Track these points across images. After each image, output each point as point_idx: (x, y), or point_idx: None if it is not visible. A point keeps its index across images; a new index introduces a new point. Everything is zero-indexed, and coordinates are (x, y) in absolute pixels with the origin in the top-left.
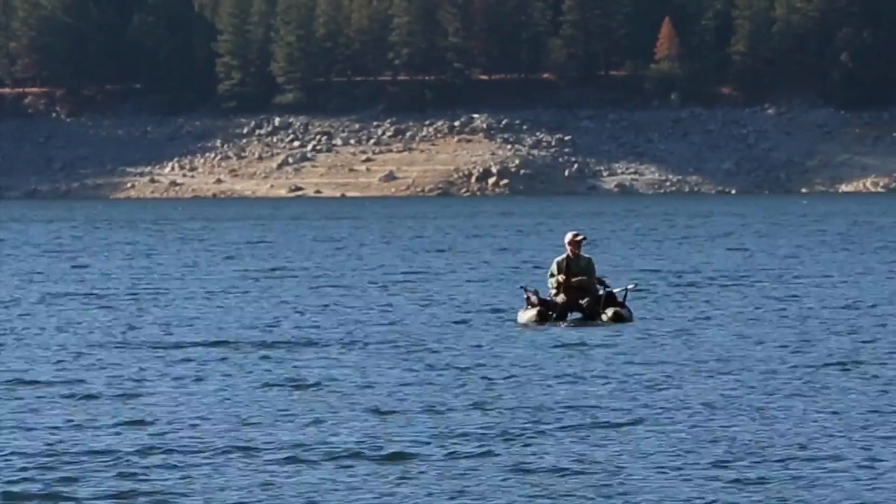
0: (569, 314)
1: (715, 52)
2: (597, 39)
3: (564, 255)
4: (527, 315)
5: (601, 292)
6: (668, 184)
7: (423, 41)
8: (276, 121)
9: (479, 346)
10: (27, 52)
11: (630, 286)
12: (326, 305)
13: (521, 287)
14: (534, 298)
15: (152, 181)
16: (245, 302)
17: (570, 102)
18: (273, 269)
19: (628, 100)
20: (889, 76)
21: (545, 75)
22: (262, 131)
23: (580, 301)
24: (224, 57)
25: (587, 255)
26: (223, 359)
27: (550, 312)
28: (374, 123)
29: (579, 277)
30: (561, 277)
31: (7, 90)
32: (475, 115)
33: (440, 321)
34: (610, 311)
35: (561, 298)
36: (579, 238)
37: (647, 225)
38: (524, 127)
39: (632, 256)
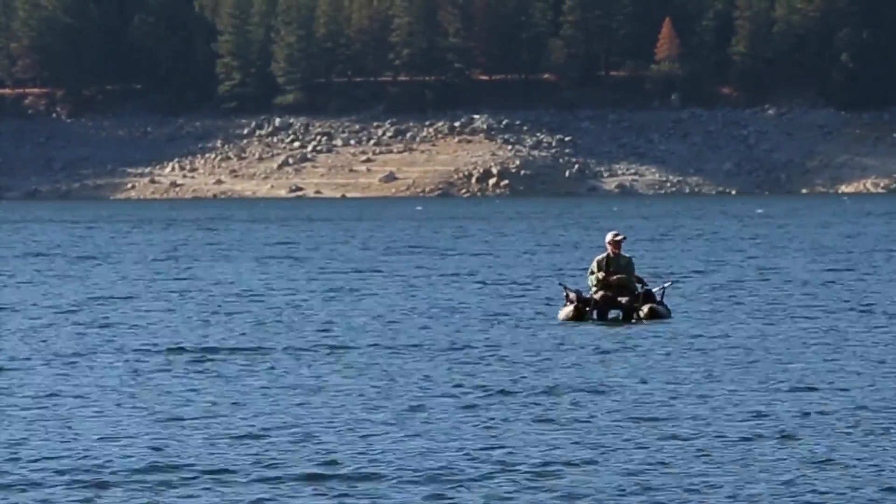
0: (608, 312)
1: (715, 53)
2: (597, 40)
3: (605, 254)
4: (565, 312)
5: (640, 290)
6: (668, 184)
7: (424, 41)
8: (277, 121)
9: (516, 343)
10: (27, 53)
11: (668, 284)
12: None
13: (560, 284)
14: (573, 295)
15: (152, 182)
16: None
17: (570, 103)
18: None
19: (629, 100)
20: (889, 76)
21: (545, 76)
22: (263, 132)
23: (619, 299)
24: (224, 57)
25: (627, 255)
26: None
27: (588, 309)
28: (375, 124)
29: (619, 275)
30: (601, 275)
31: (7, 90)
32: (475, 116)
33: (479, 318)
34: (646, 308)
35: (600, 295)
36: (619, 238)
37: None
38: (524, 127)
39: (674, 255)
